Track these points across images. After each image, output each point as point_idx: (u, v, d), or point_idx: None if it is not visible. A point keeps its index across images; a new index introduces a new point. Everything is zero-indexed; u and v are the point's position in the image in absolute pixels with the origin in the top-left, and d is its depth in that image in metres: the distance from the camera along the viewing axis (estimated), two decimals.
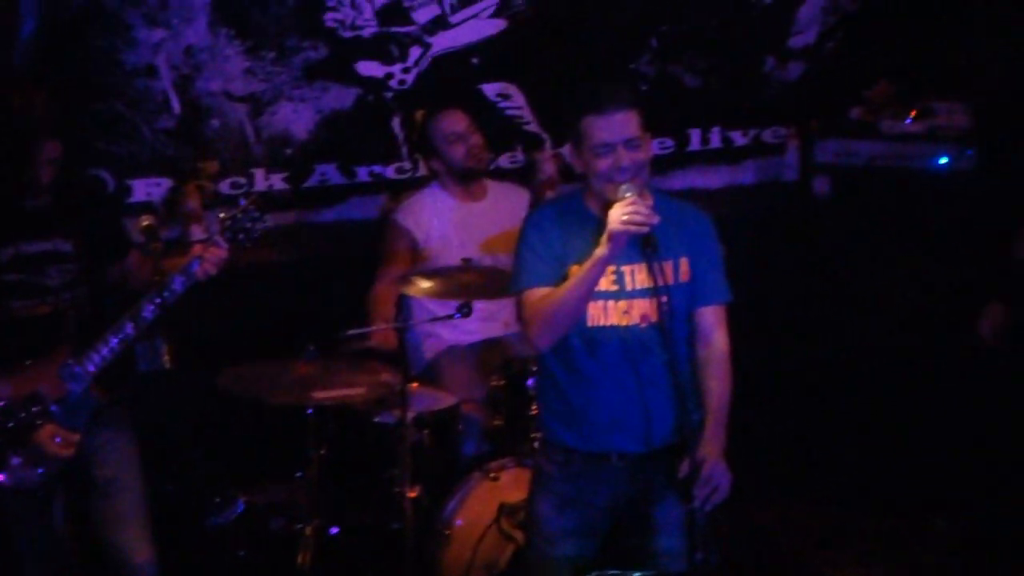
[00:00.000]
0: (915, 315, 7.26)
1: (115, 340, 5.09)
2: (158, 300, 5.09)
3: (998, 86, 7.25)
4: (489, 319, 6.64)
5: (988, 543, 6.66)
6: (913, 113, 7.52)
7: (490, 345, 6.68)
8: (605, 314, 4.73)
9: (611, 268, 4.68)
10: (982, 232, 6.81)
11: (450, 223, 6.73)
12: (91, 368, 5.09)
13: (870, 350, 7.31)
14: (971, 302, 6.57)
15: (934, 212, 7.22)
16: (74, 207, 5.23)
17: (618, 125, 4.63)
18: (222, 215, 5.28)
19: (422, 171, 7.22)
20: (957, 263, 7.05)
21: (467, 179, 6.80)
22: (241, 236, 5.24)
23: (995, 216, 6.57)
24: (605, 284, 4.69)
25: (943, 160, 7.32)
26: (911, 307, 7.27)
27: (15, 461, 5.05)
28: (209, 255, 5.15)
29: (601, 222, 4.63)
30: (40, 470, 5.08)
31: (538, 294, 4.72)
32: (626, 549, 4.92)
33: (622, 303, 4.73)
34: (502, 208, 6.73)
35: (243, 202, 5.28)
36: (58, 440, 5.05)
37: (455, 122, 6.78)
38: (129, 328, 5.09)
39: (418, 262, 6.64)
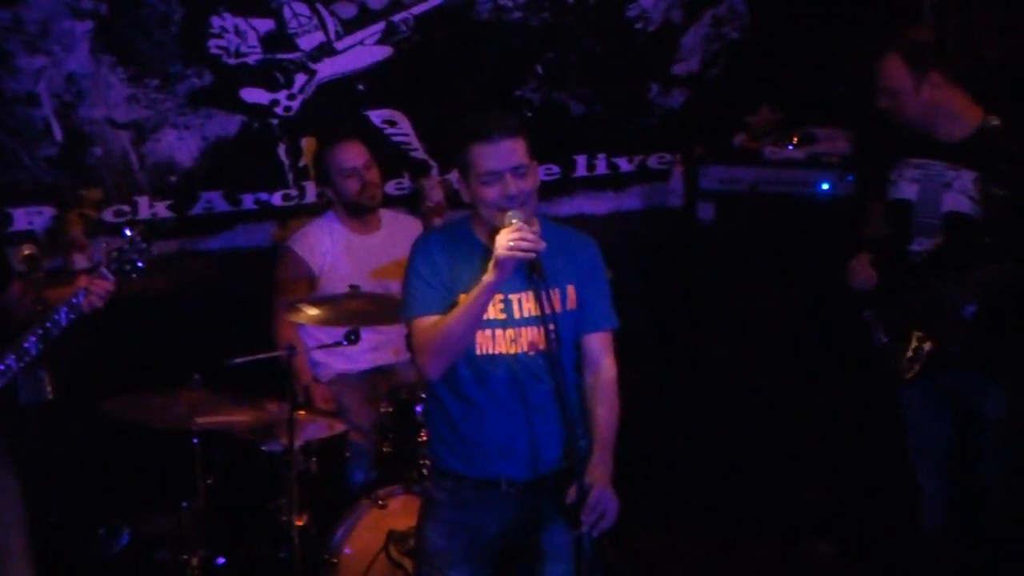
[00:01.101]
0: (798, 338, 7.33)
1: None
2: (41, 332, 5.03)
3: (877, 113, 7.35)
4: (378, 347, 6.63)
5: (872, 566, 6.74)
6: (795, 139, 7.60)
7: (379, 373, 6.67)
8: (493, 343, 4.73)
9: (499, 296, 4.68)
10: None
11: (342, 253, 6.71)
12: None
13: (753, 374, 7.37)
14: (852, 327, 6.66)
15: (816, 237, 7.30)
16: None
17: (505, 153, 4.64)
18: (108, 246, 5.23)
19: (310, 198, 7.21)
20: (839, 287, 7.13)
21: (358, 213, 6.77)
22: (128, 267, 5.20)
23: None
24: (493, 313, 4.70)
25: (824, 186, 7.41)
26: (794, 331, 7.34)
27: None
28: (95, 288, 5.10)
29: (488, 249, 4.64)
30: None
31: (427, 323, 4.71)
32: None
33: (510, 331, 4.73)
34: (396, 240, 6.69)
35: (129, 232, 5.23)
36: None
37: (354, 156, 6.75)
38: (12, 360, 5.03)
39: (312, 291, 6.61)
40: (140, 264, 5.22)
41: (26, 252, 5.24)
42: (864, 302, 5.88)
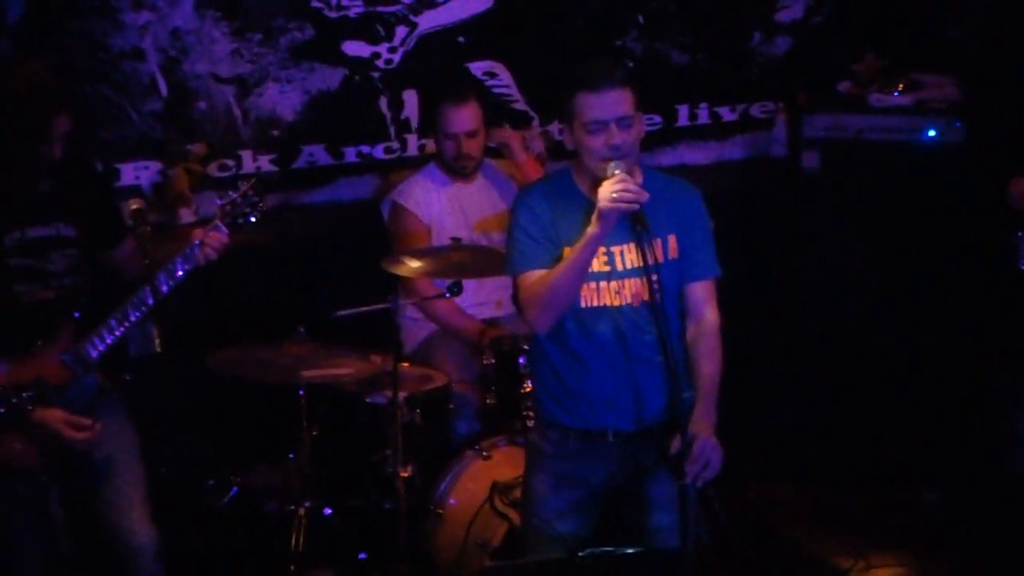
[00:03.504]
0: (903, 288, 7.27)
1: (118, 326, 5.08)
2: (153, 285, 5.07)
3: (986, 58, 7.25)
4: (482, 302, 6.62)
5: (975, 514, 6.69)
6: (900, 86, 7.51)
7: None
8: (597, 295, 4.73)
9: (601, 249, 4.67)
10: (971, 204, 6.82)
11: (444, 204, 6.68)
12: (94, 353, 5.07)
13: (858, 324, 7.32)
14: (959, 275, 6.59)
15: (923, 185, 7.23)
16: (77, 191, 5.16)
17: (611, 103, 4.62)
18: (221, 201, 5.27)
19: (411, 150, 7.22)
20: (946, 236, 7.06)
21: (452, 172, 6.71)
22: (240, 221, 5.23)
23: (984, 188, 6.57)
24: (597, 265, 4.69)
25: (931, 133, 7.32)
26: (899, 280, 7.28)
27: (16, 447, 5.03)
28: (210, 240, 5.14)
29: (591, 201, 4.63)
30: (42, 456, 5.06)
31: (534, 277, 4.71)
32: (620, 526, 4.94)
33: (614, 283, 4.73)
34: (495, 188, 6.70)
35: (242, 186, 5.27)
36: (71, 425, 5.02)
37: (460, 122, 6.54)
38: (132, 314, 5.08)
39: (429, 241, 6.59)
40: (252, 218, 5.25)
41: (133, 207, 5.28)
42: (1019, 224, 5.77)
